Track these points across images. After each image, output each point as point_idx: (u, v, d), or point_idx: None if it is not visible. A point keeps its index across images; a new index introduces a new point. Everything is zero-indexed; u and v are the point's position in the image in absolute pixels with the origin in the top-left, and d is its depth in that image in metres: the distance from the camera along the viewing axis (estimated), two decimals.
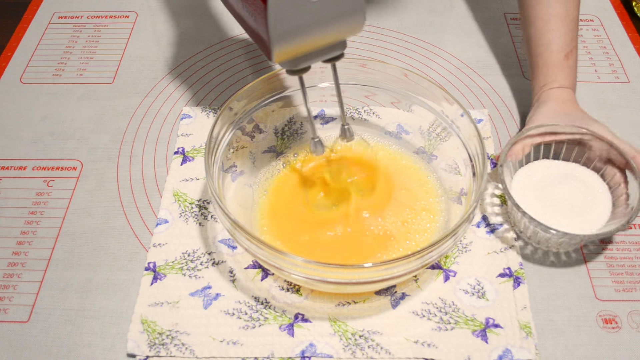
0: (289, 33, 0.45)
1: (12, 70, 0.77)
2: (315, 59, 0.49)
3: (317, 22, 0.45)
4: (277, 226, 0.58)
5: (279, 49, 0.45)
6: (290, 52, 0.47)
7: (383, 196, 0.60)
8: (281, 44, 0.45)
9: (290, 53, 0.47)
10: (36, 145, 0.68)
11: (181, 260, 0.57)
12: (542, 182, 0.59)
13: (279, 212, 0.59)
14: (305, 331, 0.53)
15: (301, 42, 0.46)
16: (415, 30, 0.82)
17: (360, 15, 0.47)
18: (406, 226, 0.57)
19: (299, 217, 0.58)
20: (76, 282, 0.57)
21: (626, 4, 0.87)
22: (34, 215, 0.62)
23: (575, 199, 0.57)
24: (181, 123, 0.69)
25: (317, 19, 0.45)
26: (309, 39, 0.46)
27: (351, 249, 0.56)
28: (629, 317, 0.54)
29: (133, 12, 0.85)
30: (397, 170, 0.62)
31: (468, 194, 0.56)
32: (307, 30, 0.46)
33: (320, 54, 0.49)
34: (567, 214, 0.56)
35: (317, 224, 0.58)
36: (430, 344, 0.51)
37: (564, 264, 0.58)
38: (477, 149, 0.55)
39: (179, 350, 0.51)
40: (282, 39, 0.45)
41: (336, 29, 0.47)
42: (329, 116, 0.69)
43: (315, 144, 0.55)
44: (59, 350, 0.52)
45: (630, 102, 0.73)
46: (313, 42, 0.47)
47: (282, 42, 0.45)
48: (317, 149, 0.56)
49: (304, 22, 0.45)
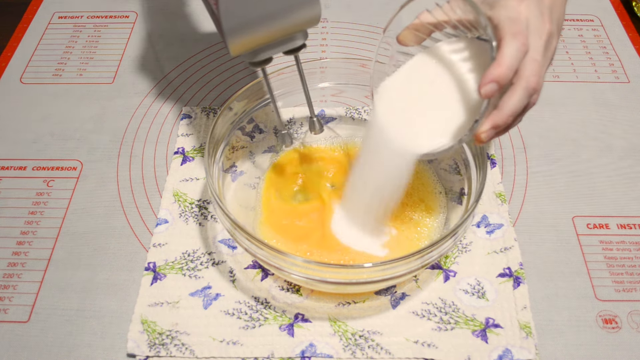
0: (241, 25, 0.45)
1: (12, 70, 0.77)
2: (275, 50, 0.49)
3: (270, 13, 0.45)
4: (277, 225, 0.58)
5: (234, 41, 0.46)
6: (247, 44, 0.47)
7: None
8: (235, 37, 0.45)
9: (246, 45, 0.47)
10: (36, 145, 0.68)
11: (181, 260, 0.57)
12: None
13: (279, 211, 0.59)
14: (305, 331, 0.53)
15: (255, 35, 0.46)
16: None
17: (315, 5, 0.47)
18: (407, 226, 0.57)
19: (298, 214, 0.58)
20: (76, 282, 0.57)
21: (626, 4, 0.87)
22: (34, 215, 0.62)
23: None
24: (181, 123, 0.69)
25: (269, 10, 0.45)
26: (263, 30, 0.46)
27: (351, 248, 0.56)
28: (629, 317, 0.54)
29: (133, 12, 0.85)
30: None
31: (468, 194, 0.56)
32: (260, 21, 0.45)
33: (280, 45, 0.49)
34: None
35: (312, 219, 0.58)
36: (430, 344, 0.51)
37: (564, 264, 0.58)
38: (477, 149, 0.55)
39: (179, 351, 0.51)
40: (235, 32, 0.45)
41: (291, 19, 0.47)
42: (329, 116, 0.69)
43: (283, 136, 0.56)
44: (59, 350, 0.52)
45: (630, 102, 0.73)
46: (268, 34, 0.47)
47: (235, 35, 0.45)
48: (285, 140, 0.56)
49: (256, 13, 0.45)
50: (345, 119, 0.69)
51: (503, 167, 0.66)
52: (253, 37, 0.46)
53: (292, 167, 0.62)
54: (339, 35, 0.81)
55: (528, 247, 0.59)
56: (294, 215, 0.58)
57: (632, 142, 0.68)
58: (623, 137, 0.69)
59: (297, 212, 0.58)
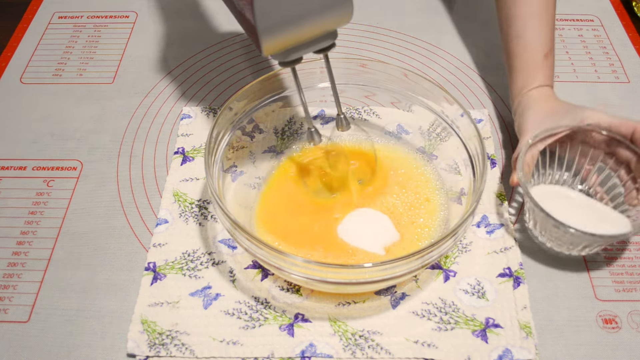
0: (276, 25, 0.45)
1: (12, 70, 0.77)
2: (306, 50, 0.50)
3: (305, 12, 0.46)
4: (277, 225, 0.58)
5: (268, 41, 0.46)
6: (280, 44, 0.47)
7: (383, 190, 0.60)
8: (269, 36, 0.46)
9: (279, 45, 0.47)
10: (36, 145, 0.68)
11: (181, 260, 0.57)
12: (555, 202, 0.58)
13: (279, 210, 0.59)
14: (305, 331, 0.53)
15: (289, 34, 0.47)
16: (415, 30, 0.82)
17: (348, 4, 0.47)
18: (406, 226, 0.57)
19: (297, 214, 0.58)
20: (76, 282, 0.57)
21: (626, 4, 0.87)
22: (34, 215, 0.62)
23: (590, 211, 0.57)
24: (181, 123, 0.69)
25: (304, 9, 0.45)
26: (297, 30, 0.47)
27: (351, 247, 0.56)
28: (629, 317, 0.54)
29: (133, 12, 0.85)
30: (397, 170, 0.62)
31: (468, 194, 0.56)
32: (294, 21, 0.46)
33: (311, 45, 0.50)
34: (590, 219, 0.56)
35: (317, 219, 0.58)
36: (430, 344, 0.51)
37: (564, 264, 0.58)
38: (477, 149, 0.55)
39: (179, 350, 0.51)
40: (269, 31, 0.45)
41: (324, 19, 0.47)
42: (329, 116, 0.69)
43: (311, 133, 0.56)
44: (59, 350, 0.52)
45: (630, 102, 0.73)
46: (302, 33, 0.47)
47: (270, 34, 0.45)
48: (314, 138, 0.56)
49: (291, 13, 0.45)
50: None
51: (503, 167, 0.66)
52: (287, 37, 0.47)
53: (317, 162, 0.62)
54: (339, 35, 0.81)
55: (528, 247, 0.59)
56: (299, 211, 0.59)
57: None
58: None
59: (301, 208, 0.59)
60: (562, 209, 0.56)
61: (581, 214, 0.57)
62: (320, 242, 0.56)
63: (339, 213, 0.58)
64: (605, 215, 0.57)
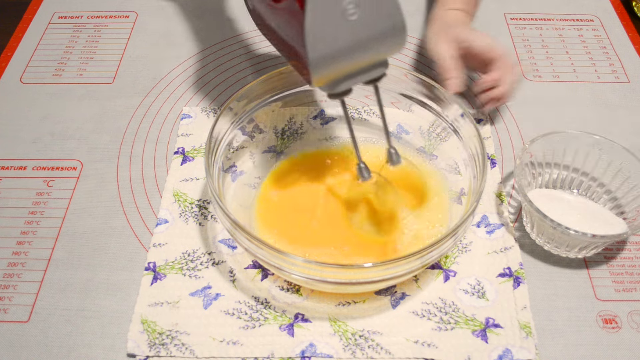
0: (328, 55, 0.43)
1: (12, 70, 0.77)
2: (356, 80, 0.47)
3: (357, 42, 0.44)
4: (277, 225, 0.58)
5: (318, 72, 0.44)
6: (330, 74, 0.45)
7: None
8: (320, 68, 0.44)
9: (330, 76, 0.45)
10: (36, 145, 0.68)
11: (181, 260, 0.57)
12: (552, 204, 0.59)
13: (278, 210, 0.59)
14: (305, 331, 0.53)
15: (341, 63, 0.44)
16: (415, 30, 0.82)
17: (401, 32, 0.45)
18: (406, 225, 0.57)
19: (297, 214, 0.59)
20: (76, 282, 0.57)
21: (626, 4, 0.87)
22: (34, 215, 0.62)
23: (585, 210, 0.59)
24: (181, 123, 0.69)
25: (356, 38, 0.44)
26: (349, 60, 0.45)
27: (351, 247, 0.56)
28: (629, 317, 0.54)
29: (133, 12, 0.85)
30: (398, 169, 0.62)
31: (468, 194, 0.56)
32: (346, 51, 0.44)
33: (361, 75, 0.47)
34: (587, 221, 0.57)
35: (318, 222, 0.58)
36: (430, 344, 0.51)
37: (564, 264, 0.58)
38: (477, 149, 0.55)
39: (179, 350, 0.51)
40: (321, 62, 0.43)
41: (377, 48, 0.45)
42: (329, 116, 0.69)
43: (361, 169, 0.53)
44: (59, 350, 0.52)
45: (630, 102, 0.73)
46: (353, 63, 0.45)
47: (321, 65, 0.43)
48: (363, 175, 0.53)
49: (343, 43, 0.43)
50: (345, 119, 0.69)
51: (503, 167, 0.66)
52: (338, 67, 0.45)
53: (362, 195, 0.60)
54: None
55: (528, 247, 0.59)
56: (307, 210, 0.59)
57: (632, 142, 0.68)
58: (623, 137, 0.69)
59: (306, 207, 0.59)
60: (559, 210, 0.57)
61: (578, 216, 0.57)
62: (320, 241, 0.56)
63: (339, 212, 0.58)
64: (601, 216, 0.58)
